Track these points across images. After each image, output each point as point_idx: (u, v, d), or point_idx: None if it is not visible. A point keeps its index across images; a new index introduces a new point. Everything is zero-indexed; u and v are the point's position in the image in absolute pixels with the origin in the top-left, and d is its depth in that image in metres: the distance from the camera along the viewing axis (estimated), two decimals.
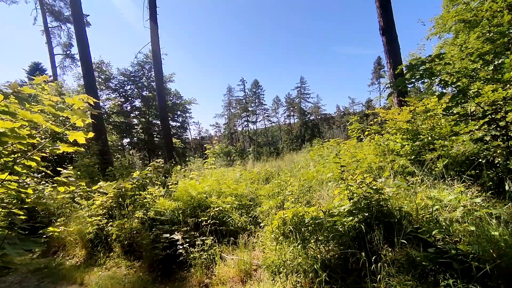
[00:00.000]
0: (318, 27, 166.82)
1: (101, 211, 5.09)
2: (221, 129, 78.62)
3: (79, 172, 7.21)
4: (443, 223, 2.88)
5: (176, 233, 4.07)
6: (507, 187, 3.03)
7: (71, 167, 7.50)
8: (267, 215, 4.55)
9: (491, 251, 2.25)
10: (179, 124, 31.88)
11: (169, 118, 25.48)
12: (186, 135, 41.27)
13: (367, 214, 3.08)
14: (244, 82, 73.89)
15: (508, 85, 3.42)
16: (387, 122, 6.09)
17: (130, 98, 25.88)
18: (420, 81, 3.99)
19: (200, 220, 4.44)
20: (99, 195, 5.50)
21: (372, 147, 5.68)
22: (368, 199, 3.17)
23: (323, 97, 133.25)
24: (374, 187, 3.25)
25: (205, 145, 8.18)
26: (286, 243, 3.31)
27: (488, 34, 4.25)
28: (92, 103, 2.30)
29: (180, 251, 3.78)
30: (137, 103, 26.61)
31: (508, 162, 3.47)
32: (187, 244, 3.86)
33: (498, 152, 3.55)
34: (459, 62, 4.76)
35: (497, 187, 3.38)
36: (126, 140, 27.44)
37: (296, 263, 2.99)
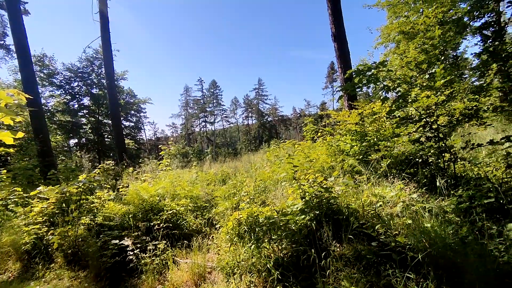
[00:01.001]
0: (276, 30, 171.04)
1: (41, 218, 4.62)
2: (178, 129, 76.22)
3: (5, 176, 6.45)
4: (385, 218, 3.13)
5: (126, 238, 3.85)
6: (438, 183, 3.39)
7: (5, 171, 6.73)
8: (222, 216, 4.52)
9: (424, 241, 2.49)
10: (132, 124, 30.42)
11: (122, 118, 24.18)
12: (141, 135, 39.53)
13: (318, 212, 3.21)
14: (202, 82, 72.48)
15: (439, 92, 3.82)
16: (339, 123, 6.43)
17: (77, 96, 23.98)
18: (367, 86, 4.28)
19: (152, 224, 4.26)
20: (38, 201, 4.98)
21: (325, 147, 5.95)
22: (319, 198, 3.31)
23: (280, 99, 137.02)
24: (324, 186, 3.41)
25: (160, 146, 7.86)
26: (240, 243, 3.31)
27: (423, 46, 4.71)
28: (25, 99, 2.09)
29: (131, 257, 3.58)
30: (86, 101, 24.75)
31: (439, 160, 3.88)
32: (138, 250, 3.67)
33: (431, 152, 3.95)
34: (400, 70, 5.20)
35: (431, 183, 3.75)
36: (73, 141, 25.42)
37: (250, 263, 3.01)
